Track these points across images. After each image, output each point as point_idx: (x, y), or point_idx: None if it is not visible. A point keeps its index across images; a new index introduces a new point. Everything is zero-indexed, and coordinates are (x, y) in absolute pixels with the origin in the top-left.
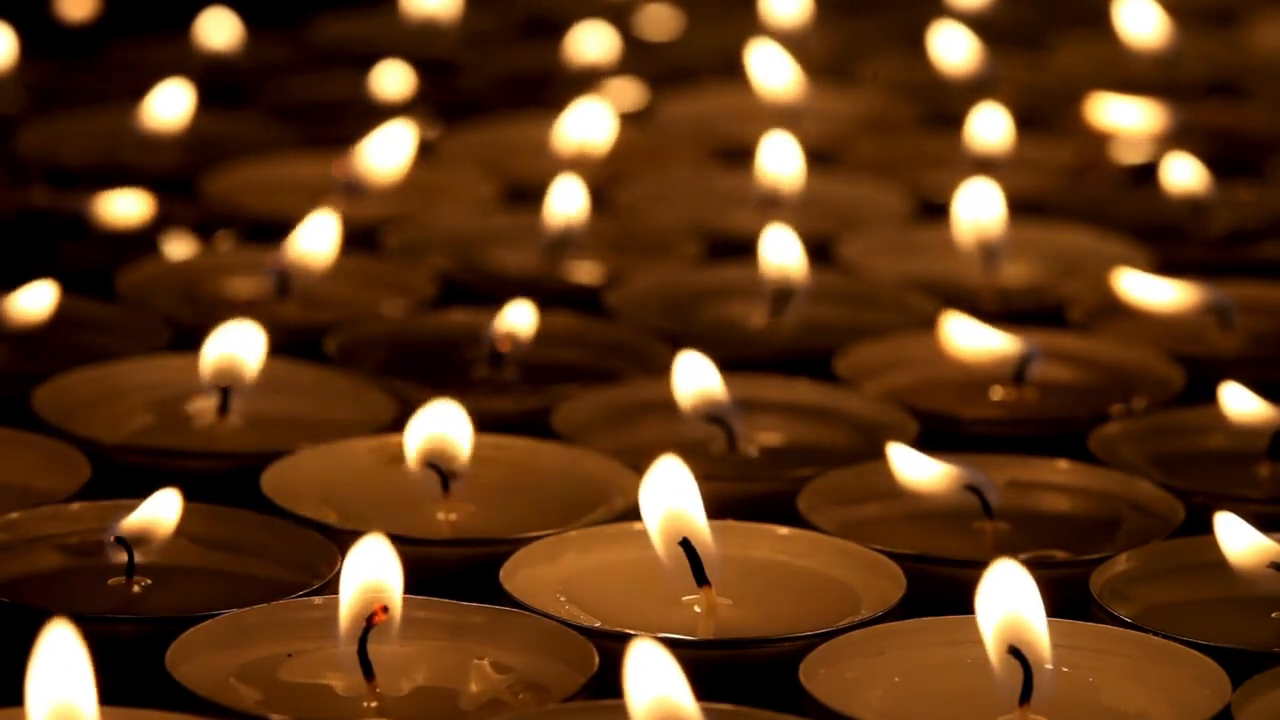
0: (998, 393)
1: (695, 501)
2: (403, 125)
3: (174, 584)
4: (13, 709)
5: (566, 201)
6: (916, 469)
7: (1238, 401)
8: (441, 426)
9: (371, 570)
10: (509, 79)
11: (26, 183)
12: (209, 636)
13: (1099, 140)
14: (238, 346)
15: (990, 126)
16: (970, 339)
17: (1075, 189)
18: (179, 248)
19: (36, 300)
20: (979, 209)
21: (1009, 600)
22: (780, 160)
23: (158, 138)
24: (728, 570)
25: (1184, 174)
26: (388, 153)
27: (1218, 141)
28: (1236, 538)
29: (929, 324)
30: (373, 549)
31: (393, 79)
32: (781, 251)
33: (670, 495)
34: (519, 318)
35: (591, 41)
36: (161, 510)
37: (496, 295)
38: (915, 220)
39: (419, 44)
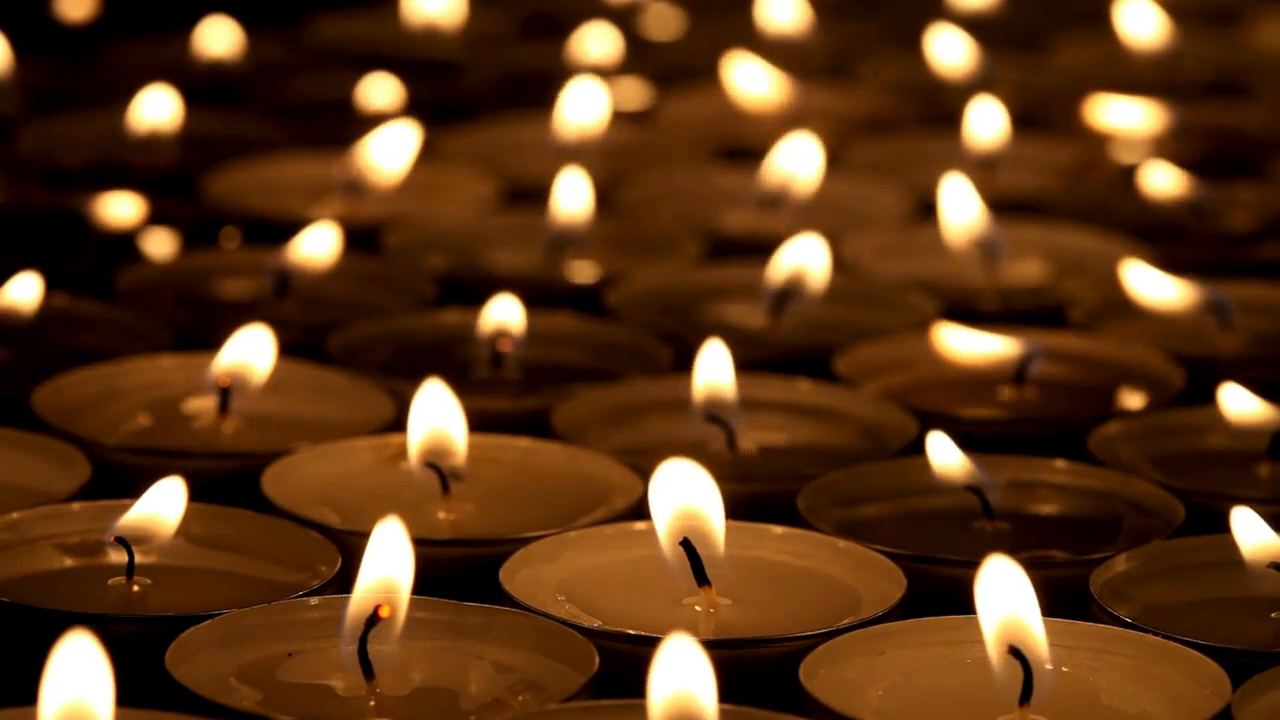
0: (999, 393)
1: (711, 502)
2: (405, 126)
3: (174, 584)
4: (13, 709)
5: (569, 200)
6: (950, 455)
7: (1237, 402)
8: (440, 424)
9: (388, 564)
10: (509, 79)
11: (26, 183)
12: (209, 636)
13: (1099, 140)
14: (249, 350)
15: (988, 124)
16: (966, 344)
17: (1075, 189)
18: (178, 248)
19: (23, 293)
20: (963, 209)
21: (1006, 599)
22: (793, 160)
23: (156, 138)
24: (728, 570)
25: (1163, 181)
26: (390, 153)
27: (1218, 141)
28: (1250, 534)
29: (929, 324)
30: (390, 537)
31: (392, 79)
32: (804, 254)
33: (681, 494)
34: (507, 314)
35: (593, 42)
36: (164, 505)
37: (496, 295)
38: (915, 220)
39: (418, 44)
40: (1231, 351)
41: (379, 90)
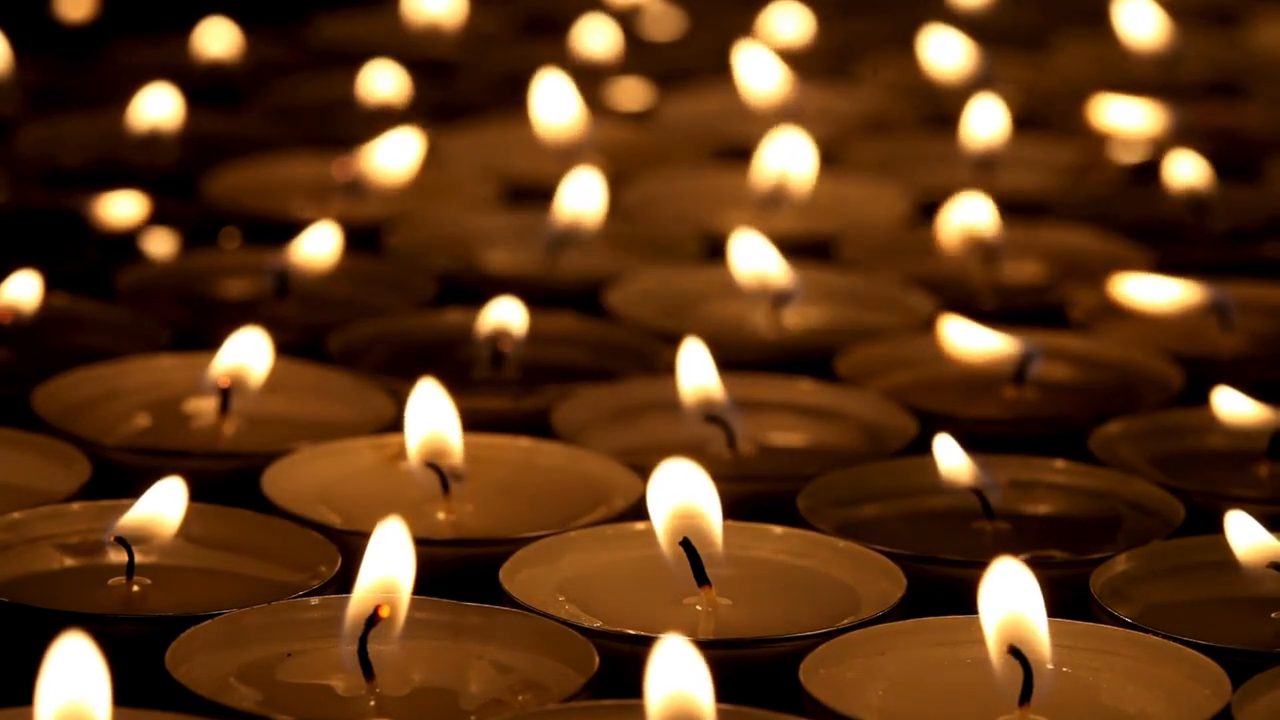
0: (999, 392)
1: (709, 501)
2: (409, 130)
3: (174, 584)
4: (13, 709)
5: (574, 199)
6: (955, 458)
7: (1231, 405)
8: (439, 425)
9: (388, 564)
10: (509, 79)
11: (26, 183)
12: (209, 636)
13: (1099, 140)
14: (248, 350)
15: (988, 124)
16: (969, 340)
17: (1075, 189)
18: (178, 248)
19: (23, 293)
20: (971, 212)
21: (1010, 600)
22: (788, 158)
23: (156, 138)
24: (728, 570)
25: (1185, 172)
26: (394, 156)
27: (1218, 141)
28: (1244, 536)
29: (929, 324)
30: (390, 537)
31: (391, 79)
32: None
33: (679, 494)
34: (508, 315)
35: (592, 40)
36: (164, 505)
37: (496, 296)
38: (915, 220)
39: (418, 44)
40: (1231, 351)
41: (379, 89)
